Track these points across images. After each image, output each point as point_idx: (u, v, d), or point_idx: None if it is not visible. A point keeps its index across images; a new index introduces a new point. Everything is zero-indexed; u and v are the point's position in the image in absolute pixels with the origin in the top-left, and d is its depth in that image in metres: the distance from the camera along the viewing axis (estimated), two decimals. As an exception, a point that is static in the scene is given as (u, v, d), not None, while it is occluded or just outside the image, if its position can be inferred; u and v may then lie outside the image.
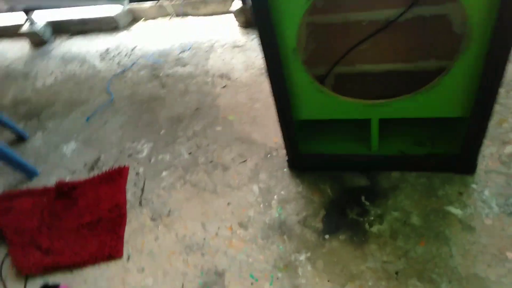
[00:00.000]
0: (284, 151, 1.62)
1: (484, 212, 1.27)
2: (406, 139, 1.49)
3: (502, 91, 1.65)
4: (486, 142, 1.47)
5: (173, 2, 2.88)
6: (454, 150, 1.38)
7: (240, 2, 2.52)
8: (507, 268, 1.13)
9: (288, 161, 1.60)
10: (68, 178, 1.89)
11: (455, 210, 1.30)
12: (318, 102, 1.36)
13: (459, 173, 1.40)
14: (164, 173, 1.77)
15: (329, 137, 1.59)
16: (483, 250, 1.18)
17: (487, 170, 1.39)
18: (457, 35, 1.41)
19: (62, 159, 2.03)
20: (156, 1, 2.87)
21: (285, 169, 1.62)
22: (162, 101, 2.23)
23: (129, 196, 1.72)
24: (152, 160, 1.86)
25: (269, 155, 1.71)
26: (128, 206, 1.68)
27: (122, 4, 2.58)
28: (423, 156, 1.42)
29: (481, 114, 1.21)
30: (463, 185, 1.36)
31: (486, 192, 1.33)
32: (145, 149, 1.94)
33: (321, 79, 1.60)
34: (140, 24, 3.06)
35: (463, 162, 1.37)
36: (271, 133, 1.81)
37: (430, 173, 1.43)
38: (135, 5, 3.04)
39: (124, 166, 1.86)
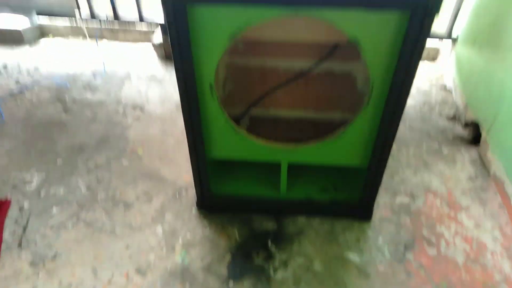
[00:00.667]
0: (194, 191, 1.56)
1: (378, 259, 1.35)
2: (312, 185, 1.55)
3: (394, 147, 1.85)
4: (380, 192, 1.60)
5: (89, 26, 2.72)
6: (354, 197, 1.47)
7: (160, 35, 2.48)
8: (397, 314, 1.19)
9: (198, 201, 1.53)
10: None
11: (353, 257, 1.36)
12: (232, 142, 1.35)
13: (358, 220, 1.48)
14: (54, 209, 1.56)
15: (241, 179, 1.58)
16: (376, 296, 1.24)
17: (381, 218, 1.50)
18: (359, 92, 1.55)
19: None
20: (70, 18, 2.68)
21: (193, 210, 1.55)
22: (63, 127, 2.01)
23: (6, 235, 1.46)
24: (42, 194, 1.63)
25: (177, 194, 1.62)
26: (3, 247, 1.42)
27: (29, 17, 2.35)
28: (327, 202, 1.49)
29: (377, 165, 1.32)
30: (361, 231, 1.44)
31: (380, 239, 1.42)
32: (35, 180, 1.70)
33: (236, 120, 1.61)
34: (48, 41, 2.81)
35: (361, 210, 1.47)
36: (182, 170, 1.74)
37: (333, 219, 1.49)
38: (45, 20, 2.80)
39: (6, 199, 1.60)
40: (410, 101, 2.18)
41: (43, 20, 2.79)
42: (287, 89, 1.59)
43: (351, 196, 1.48)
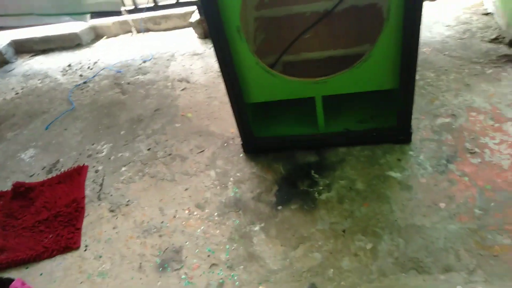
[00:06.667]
0: (240, 139, 1.70)
1: (420, 173, 1.38)
2: (349, 118, 1.61)
3: (432, 75, 1.83)
4: (420, 117, 1.61)
5: (134, 17, 2.99)
6: (391, 122, 1.51)
7: (198, 14, 2.66)
8: (440, 216, 1.23)
9: (243, 145, 1.67)
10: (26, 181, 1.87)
11: (394, 174, 1.40)
12: (266, 84, 1.46)
13: (398, 143, 1.52)
14: (123, 169, 1.80)
15: (281, 120, 1.68)
16: (419, 204, 1.28)
17: (422, 139, 1.52)
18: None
19: (19, 164, 2.01)
20: (118, 16, 2.97)
21: (241, 155, 1.69)
22: (123, 105, 2.27)
23: (87, 191, 1.73)
24: (112, 158, 1.88)
25: (226, 144, 1.77)
26: (86, 201, 1.68)
27: (84, 20, 2.66)
28: (365, 131, 1.54)
29: (407, 83, 1.35)
30: (401, 153, 1.48)
31: (421, 157, 1.44)
32: (104, 149, 1.96)
33: (271, 67, 1.72)
34: (102, 41, 3.14)
35: (399, 132, 1.50)
36: (228, 125, 1.89)
37: (373, 146, 1.54)
38: (97, 22, 3.13)
39: (84, 165, 1.87)
40: (449, 32, 2.12)
41: (95, 22, 3.13)
42: (315, 31, 1.66)
43: (388, 122, 1.52)
